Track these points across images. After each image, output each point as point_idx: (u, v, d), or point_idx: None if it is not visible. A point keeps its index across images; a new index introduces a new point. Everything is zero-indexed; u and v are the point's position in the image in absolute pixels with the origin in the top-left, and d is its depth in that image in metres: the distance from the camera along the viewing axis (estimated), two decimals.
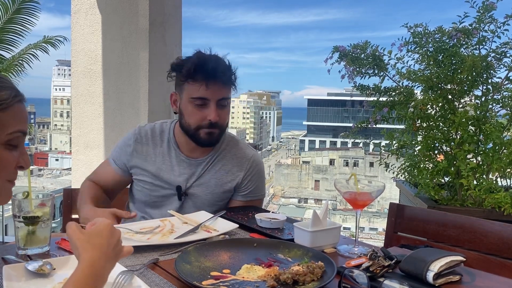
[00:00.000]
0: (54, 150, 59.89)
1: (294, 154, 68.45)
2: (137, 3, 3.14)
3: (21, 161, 0.89)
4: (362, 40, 2.77)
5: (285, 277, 0.94)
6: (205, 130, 1.53)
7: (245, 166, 1.65)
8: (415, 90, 2.74)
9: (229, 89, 1.56)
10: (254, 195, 1.68)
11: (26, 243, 1.12)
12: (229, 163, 1.64)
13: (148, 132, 1.65)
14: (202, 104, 1.51)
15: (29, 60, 6.84)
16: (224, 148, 1.66)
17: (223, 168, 1.63)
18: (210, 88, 1.48)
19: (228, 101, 1.56)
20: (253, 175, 1.66)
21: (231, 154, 1.66)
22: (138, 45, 3.15)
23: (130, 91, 3.19)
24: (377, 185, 1.22)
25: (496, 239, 1.38)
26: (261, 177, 1.70)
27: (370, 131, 3.13)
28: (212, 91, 1.49)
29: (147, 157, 1.63)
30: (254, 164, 1.67)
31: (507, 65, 2.51)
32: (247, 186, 1.66)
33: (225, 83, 1.52)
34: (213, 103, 1.50)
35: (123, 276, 0.92)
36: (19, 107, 0.86)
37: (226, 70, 1.52)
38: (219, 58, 1.54)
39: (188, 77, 1.50)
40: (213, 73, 1.47)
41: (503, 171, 2.45)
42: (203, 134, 1.54)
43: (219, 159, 1.64)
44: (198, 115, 1.52)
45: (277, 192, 50.79)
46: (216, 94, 1.50)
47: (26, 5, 6.22)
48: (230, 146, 1.67)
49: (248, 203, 1.67)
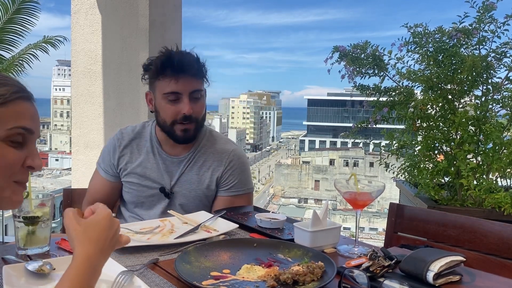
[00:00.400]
0: (54, 150, 59.90)
1: (294, 154, 68.48)
2: (137, 3, 3.14)
3: (29, 160, 0.85)
4: (362, 40, 2.77)
5: (285, 277, 0.94)
6: (180, 126, 1.54)
7: (224, 160, 1.64)
8: (415, 90, 2.74)
9: (200, 81, 1.57)
10: (238, 189, 1.65)
11: (26, 243, 1.12)
12: (210, 159, 1.64)
13: (130, 134, 1.67)
14: (175, 99, 1.52)
15: (29, 60, 6.84)
16: (205, 144, 1.66)
17: (204, 165, 1.63)
18: (180, 82, 1.50)
19: (201, 93, 1.57)
20: (234, 169, 1.64)
21: (212, 150, 1.66)
22: (138, 45, 3.15)
23: (130, 91, 3.19)
24: (377, 185, 1.22)
25: (496, 239, 1.38)
26: (243, 171, 1.67)
27: (370, 131, 3.13)
28: (183, 85, 1.51)
29: (132, 158, 1.64)
30: (234, 158, 1.65)
31: (507, 65, 2.51)
32: (228, 181, 1.64)
33: (194, 75, 1.53)
34: (186, 96, 1.52)
35: (123, 276, 0.92)
36: (22, 104, 0.85)
37: (194, 62, 1.54)
38: (186, 53, 1.56)
39: (158, 74, 1.53)
40: (181, 66, 1.49)
41: (503, 171, 2.44)
42: (178, 131, 1.55)
43: (199, 155, 1.64)
44: (172, 110, 1.53)
45: (277, 192, 50.80)
46: (187, 86, 1.52)
47: (26, 5, 6.22)
48: (210, 142, 1.67)
49: (234, 199, 1.64)
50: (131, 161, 1.64)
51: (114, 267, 0.97)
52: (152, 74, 1.55)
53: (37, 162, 0.87)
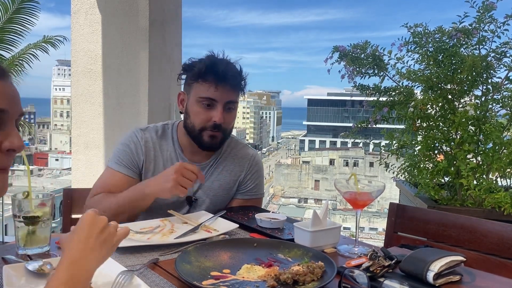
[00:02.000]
0: (54, 150, 59.88)
1: (294, 154, 68.46)
2: (137, 3, 3.14)
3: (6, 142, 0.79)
4: (362, 40, 2.77)
5: (285, 277, 0.94)
6: (208, 133, 1.52)
7: (246, 165, 1.67)
8: (415, 90, 2.74)
9: (237, 93, 1.56)
10: (253, 194, 1.69)
11: (26, 243, 1.12)
12: (231, 164, 1.65)
13: (154, 136, 1.61)
14: (209, 105, 1.50)
15: (29, 60, 6.84)
16: (225, 150, 1.67)
17: (225, 169, 1.64)
18: (219, 90, 1.49)
19: (235, 105, 1.56)
20: (253, 173, 1.68)
21: (232, 155, 1.67)
22: (138, 45, 3.15)
23: (130, 91, 3.19)
24: (377, 185, 1.22)
25: (496, 239, 1.38)
26: (260, 176, 1.72)
27: (370, 131, 3.13)
28: (221, 93, 1.49)
29: (156, 162, 1.59)
30: (254, 163, 1.69)
31: (507, 65, 2.51)
32: (247, 185, 1.67)
33: (234, 87, 1.52)
34: (220, 105, 1.50)
35: (123, 276, 0.92)
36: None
37: (237, 74, 1.53)
38: (230, 62, 1.55)
39: (199, 77, 1.51)
40: (224, 75, 1.48)
41: (503, 171, 2.44)
42: (206, 137, 1.53)
43: (221, 161, 1.65)
44: (204, 115, 1.51)
45: (277, 192, 50.78)
46: (225, 96, 1.50)
47: (26, 5, 6.22)
48: (230, 147, 1.68)
49: (248, 202, 1.67)
50: (155, 163, 1.58)
51: (114, 267, 0.98)
52: (192, 75, 1.53)
53: (16, 143, 0.81)
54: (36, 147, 60.50)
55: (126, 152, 1.58)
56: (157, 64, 3.24)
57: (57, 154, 53.50)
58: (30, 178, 1.22)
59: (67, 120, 75.65)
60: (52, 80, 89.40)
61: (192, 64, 1.54)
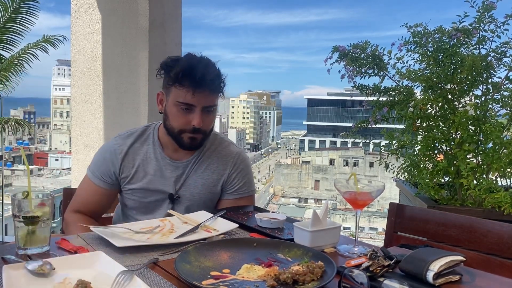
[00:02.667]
0: (54, 150, 59.88)
1: (294, 154, 68.49)
2: (137, 3, 3.14)
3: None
4: (362, 40, 2.77)
5: (285, 276, 0.94)
6: (188, 135, 1.52)
7: (230, 163, 1.65)
8: (415, 90, 2.74)
9: (216, 97, 1.54)
10: (243, 192, 1.67)
11: (26, 243, 1.12)
12: (214, 162, 1.64)
13: (130, 139, 1.62)
14: (187, 109, 1.49)
15: (28, 59, 6.84)
16: (208, 148, 1.65)
17: (208, 168, 1.63)
18: (196, 96, 1.47)
19: (214, 107, 1.55)
20: (239, 171, 1.66)
21: (216, 153, 1.65)
22: (138, 45, 3.15)
23: (130, 91, 3.19)
24: (377, 185, 1.22)
25: (496, 239, 1.38)
26: (248, 173, 1.69)
27: (370, 131, 3.13)
28: (198, 98, 1.48)
29: (134, 165, 1.60)
30: (239, 161, 1.66)
31: (507, 65, 2.52)
32: (234, 184, 1.65)
33: (212, 91, 1.50)
34: (198, 109, 1.49)
35: (123, 276, 0.92)
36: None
37: (215, 78, 1.50)
38: (208, 65, 1.51)
39: (176, 81, 1.49)
40: (201, 81, 1.46)
41: (503, 171, 2.45)
42: (185, 138, 1.53)
43: (203, 159, 1.63)
44: (182, 119, 1.51)
45: (277, 192, 50.79)
46: (202, 101, 1.49)
47: (25, 5, 6.22)
48: (214, 145, 1.66)
49: (239, 201, 1.65)
50: (134, 168, 1.60)
51: (114, 267, 0.98)
52: (170, 79, 1.51)
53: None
54: (36, 147, 60.50)
55: (101, 163, 1.62)
56: (157, 64, 3.20)
57: (57, 154, 53.52)
58: (30, 178, 1.22)
59: (67, 120, 75.65)
60: (52, 80, 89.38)
61: (170, 64, 1.53)
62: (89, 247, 1.18)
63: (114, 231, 1.26)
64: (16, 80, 6.86)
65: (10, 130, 7.93)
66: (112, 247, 1.14)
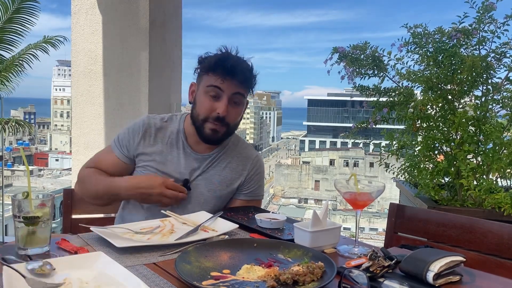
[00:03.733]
0: (54, 150, 59.88)
1: (294, 155, 68.43)
2: (137, 3, 3.14)
3: None
4: (362, 40, 2.77)
5: (285, 277, 0.94)
6: (210, 125, 1.54)
7: (249, 165, 1.68)
8: (415, 90, 2.74)
9: (245, 88, 1.58)
10: (255, 195, 1.70)
11: (26, 243, 1.12)
12: (235, 162, 1.66)
13: (157, 122, 1.66)
14: (215, 96, 1.53)
15: (29, 60, 6.85)
16: (230, 146, 1.68)
17: (228, 166, 1.65)
18: (225, 82, 1.52)
19: (242, 99, 1.58)
20: (256, 174, 1.69)
21: (236, 153, 1.68)
22: (138, 45, 3.15)
23: (130, 91, 3.19)
24: (377, 185, 1.22)
25: (496, 239, 1.38)
26: (262, 178, 1.73)
27: (370, 132, 3.13)
28: (227, 85, 1.52)
29: (154, 146, 1.62)
30: (257, 164, 1.71)
31: (507, 65, 2.51)
32: (250, 186, 1.68)
33: (242, 81, 1.54)
34: (226, 96, 1.52)
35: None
36: None
37: (246, 70, 1.55)
38: (242, 60, 1.57)
39: (209, 69, 1.54)
40: (232, 69, 1.51)
41: (503, 172, 2.44)
42: (207, 129, 1.55)
43: (224, 157, 1.65)
44: (208, 105, 1.54)
45: (277, 192, 50.77)
46: (231, 87, 1.53)
47: (26, 5, 6.22)
48: (235, 144, 1.70)
49: (250, 202, 1.68)
50: (152, 148, 1.62)
51: (114, 267, 0.98)
52: (203, 68, 1.57)
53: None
54: (36, 147, 60.51)
55: (124, 135, 1.65)
56: (157, 64, 3.24)
57: (57, 154, 53.52)
58: (30, 179, 1.22)
59: (67, 120, 75.64)
60: (52, 81, 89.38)
61: (205, 57, 1.59)
62: (89, 247, 1.18)
63: (114, 231, 1.26)
64: (17, 80, 6.87)
65: (10, 130, 7.94)
66: (112, 247, 1.14)
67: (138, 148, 1.62)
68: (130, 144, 1.63)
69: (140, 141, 1.62)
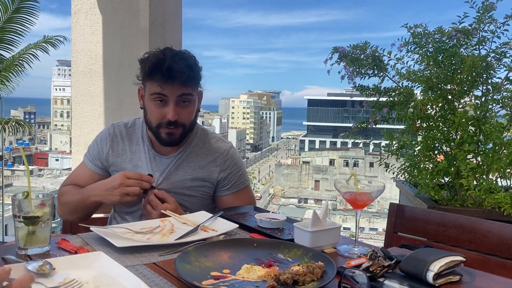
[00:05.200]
0: (54, 150, 59.90)
1: (294, 154, 68.45)
2: (137, 3, 3.14)
3: None
4: (362, 40, 2.77)
5: (285, 277, 0.94)
6: (165, 130, 1.53)
7: (219, 160, 1.64)
8: (415, 90, 2.74)
9: (190, 88, 1.52)
10: (239, 184, 1.68)
11: (26, 243, 1.12)
12: (204, 159, 1.63)
13: (122, 130, 1.67)
14: (162, 101, 1.50)
15: (29, 60, 6.85)
16: (196, 144, 1.65)
17: (197, 165, 1.62)
18: (166, 87, 1.48)
19: (190, 98, 1.53)
20: (232, 167, 1.66)
21: (205, 150, 1.65)
22: (138, 45, 3.15)
23: (130, 91, 3.19)
24: (377, 185, 1.22)
25: (496, 239, 1.38)
26: (240, 167, 1.69)
27: (370, 132, 3.13)
28: (170, 90, 1.48)
29: (123, 155, 1.64)
30: (229, 156, 1.66)
31: (507, 65, 2.52)
32: (228, 180, 1.65)
33: (183, 82, 1.48)
34: (172, 101, 1.49)
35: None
36: None
37: (185, 69, 1.47)
38: (179, 57, 1.49)
39: (147, 76, 1.52)
40: (169, 73, 1.45)
41: (503, 172, 2.44)
42: (163, 134, 1.54)
43: (192, 156, 1.62)
44: (158, 113, 1.52)
45: (277, 192, 50.79)
46: (174, 91, 1.49)
47: (26, 5, 6.22)
48: (202, 141, 1.66)
49: (238, 194, 1.67)
50: (123, 157, 1.63)
51: (114, 267, 0.98)
52: (143, 74, 1.53)
53: None
54: (36, 147, 60.53)
55: (94, 147, 1.68)
56: None
57: (57, 154, 53.54)
58: (30, 178, 1.22)
59: (67, 120, 75.62)
60: (52, 80, 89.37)
61: (143, 59, 1.55)
62: (89, 247, 1.18)
63: (114, 231, 1.26)
64: (17, 80, 6.87)
65: (10, 130, 7.94)
66: (112, 247, 1.14)
67: (108, 158, 1.64)
68: (100, 155, 1.65)
69: (108, 151, 1.64)
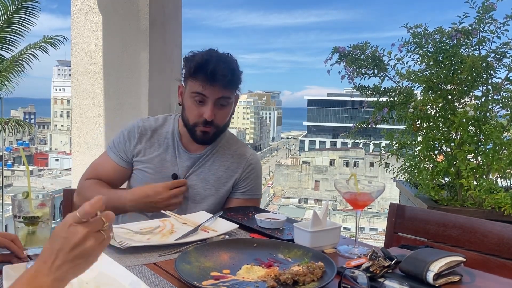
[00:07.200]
0: (54, 150, 59.86)
1: (294, 155, 68.42)
2: (137, 3, 3.14)
3: None
4: (362, 40, 2.77)
5: (285, 277, 0.94)
6: (200, 128, 1.56)
7: (243, 163, 1.68)
8: (415, 90, 2.74)
9: (229, 91, 1.56)
10: (252, 193, 1.70)
11: (26, 243, 1.12)
12: (229, 160, 1.67)
13: (152, 124, 1.68)
14: (201, 101, 1.54)
15: (29, 60, 6.86)
16: (223, 145, 1.69)
17: (223, 165, 1.66)
18: (208, 88, 1.51)
19: (228, 100, 1.57)
20: (251, 173, 1.69)
21: (231, 151, 1.69)
22: (138, 45, 3.15)
23: (130, 91, 3.19)
24: (377, 185, 1.22)
25: (496, 240, 1.38)
26: (259, 177, 1.73)
27: (370, 132, 3.13)
28: (210, 91, 1.52)
29: (151, 148, 1.65)
30: (253, 162, 1.70)
31: (507, 65, 2.52)
32: (246, 184, 1.68)
33: (224, 85, 1.53)
34: (211, 102, 1.53)
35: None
36: None
37: (227, 72, 1.52)
38: (223, 61, 1.53)
39: (190, 74, 1.54)
40: (213, 75, 1.49)
41: (503, 172, 2.45)
42: (198, 132, 1.58)
43: (218, 156, 1.66)
44: (196, 111, 1.55)
45: (277, 192, 50.77)
46: (215, 93, 1.52)
47: (26, 5, 6.23)
48: (229, 143, 1.70)
49: (248, 202, 1.68)
50: (149, 151, 1.64)
51: (114, 267, 0.97)
52: (187, 72, 1.57)
53: None
54: (36, 148, 60.51)
55: (120, 139, 1.67)
56: (157, 64, 3.24)
57: (57, 154, 53.50)
58: (30, 179, 1.22)
59: (67, 120, 75.61)
60: (52, 81, 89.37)
61: (189, 58, 1.58)
62: None
63: (114, 231, 1.26)
64: (17, 80, 6.88)
65: (10, 130, 7.94)
66: (112, 247, 1.14)
67: (135, 150, 1.65)
68: (126, 148, 1.65)
69: (136, 144, 1.64)
